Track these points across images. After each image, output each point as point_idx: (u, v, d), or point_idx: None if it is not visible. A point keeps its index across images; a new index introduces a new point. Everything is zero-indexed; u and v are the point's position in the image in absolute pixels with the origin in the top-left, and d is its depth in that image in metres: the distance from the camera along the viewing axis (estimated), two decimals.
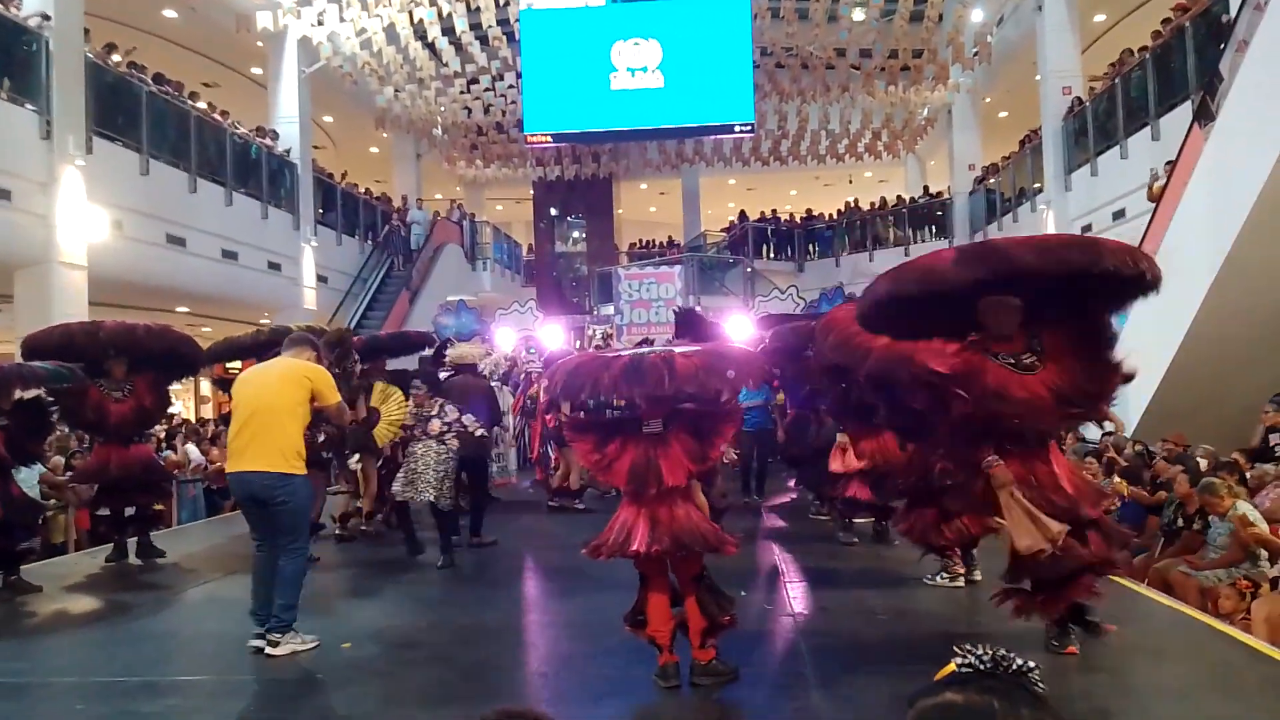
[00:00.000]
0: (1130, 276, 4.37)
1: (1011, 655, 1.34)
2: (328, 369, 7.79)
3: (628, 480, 4.48)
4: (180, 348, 8.09)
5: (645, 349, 4.75)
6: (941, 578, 6.47)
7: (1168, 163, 11.98)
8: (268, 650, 5.19)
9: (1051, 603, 4.78)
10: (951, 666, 1.35)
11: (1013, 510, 4.59)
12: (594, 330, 17.02)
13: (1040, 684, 1.32)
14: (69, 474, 9.22)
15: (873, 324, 5.08)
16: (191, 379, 16.72)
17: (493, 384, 10.44)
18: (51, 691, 4.80)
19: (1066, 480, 4.70)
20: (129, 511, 8.07)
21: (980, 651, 1.34)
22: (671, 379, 4.19)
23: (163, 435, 11.60)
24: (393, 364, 9.55)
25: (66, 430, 9.26)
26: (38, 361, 7.20)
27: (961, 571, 6.47)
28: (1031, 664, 1.36)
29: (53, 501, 9.21)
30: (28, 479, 8.05)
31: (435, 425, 7.51)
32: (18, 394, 6.85)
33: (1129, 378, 4.83)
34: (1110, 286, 4.48)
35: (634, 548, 4.39)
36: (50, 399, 7.25)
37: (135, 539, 8.05)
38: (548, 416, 10.33)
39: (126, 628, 6.15)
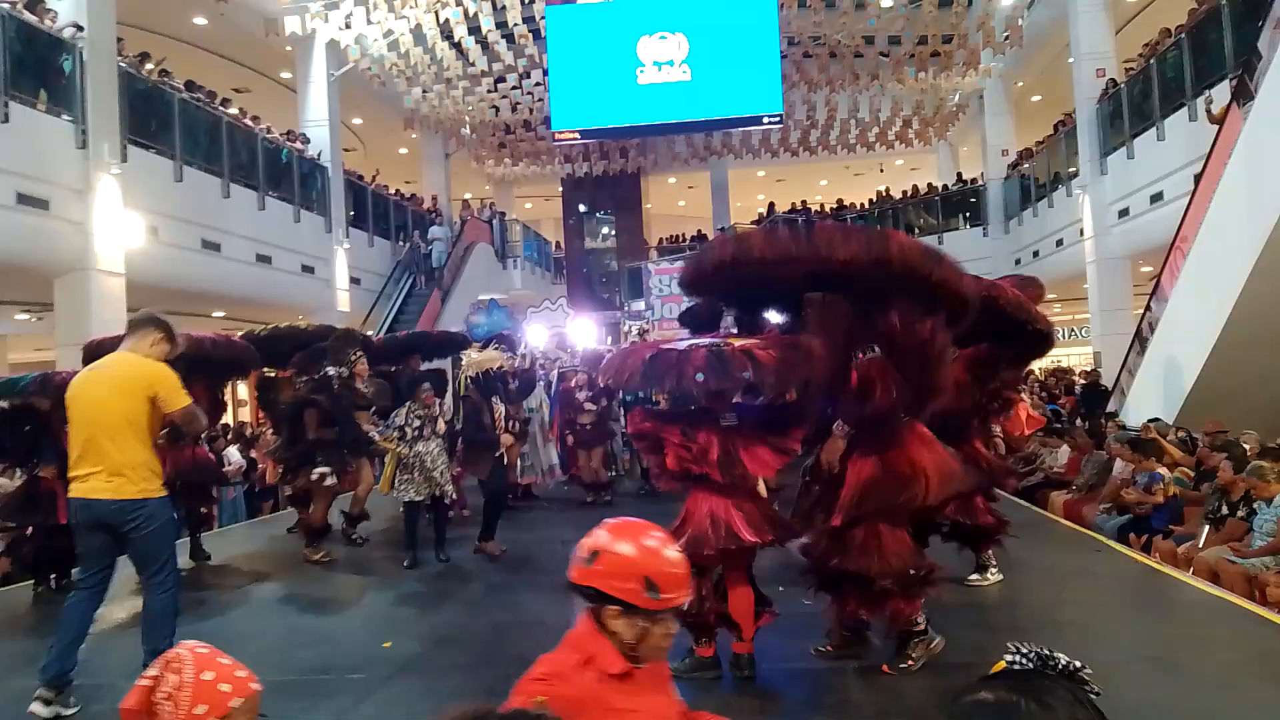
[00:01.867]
0: (867, 266, 4.10)
1: (1058, 655, 1.32)
2: (333, 367, 7.97)
3: (720, 470, 4.48)
4: (242, 356, 8.14)
5: (704, 340, 4.67)
6: (978, 577, 6.40)
7: (1208, 96, 11.74)
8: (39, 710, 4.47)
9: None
10: (1001, 664, 1.35)
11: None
12: (630, 326, 17.01)
13: (1090, 683, 1.30)
14: None
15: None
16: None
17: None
18: (96, 692, 4.85)
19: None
20: (179, 514, 8.18)
21: (1027, 650, 1.33)
22: (756, 369, 4.14)
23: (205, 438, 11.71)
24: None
25: None
26: None
27: (995, 565, 6.41)
28: (1079, 663, 1.33)
29: None
30: None
31: (441, 424, 7.85)
32: None
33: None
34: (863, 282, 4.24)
35: (746, 537, 4.42)
36: None
37: (188, 539, 8.15)
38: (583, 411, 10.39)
39: None
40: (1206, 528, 7.70)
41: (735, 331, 5.17)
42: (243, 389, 18.33)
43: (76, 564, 7.00)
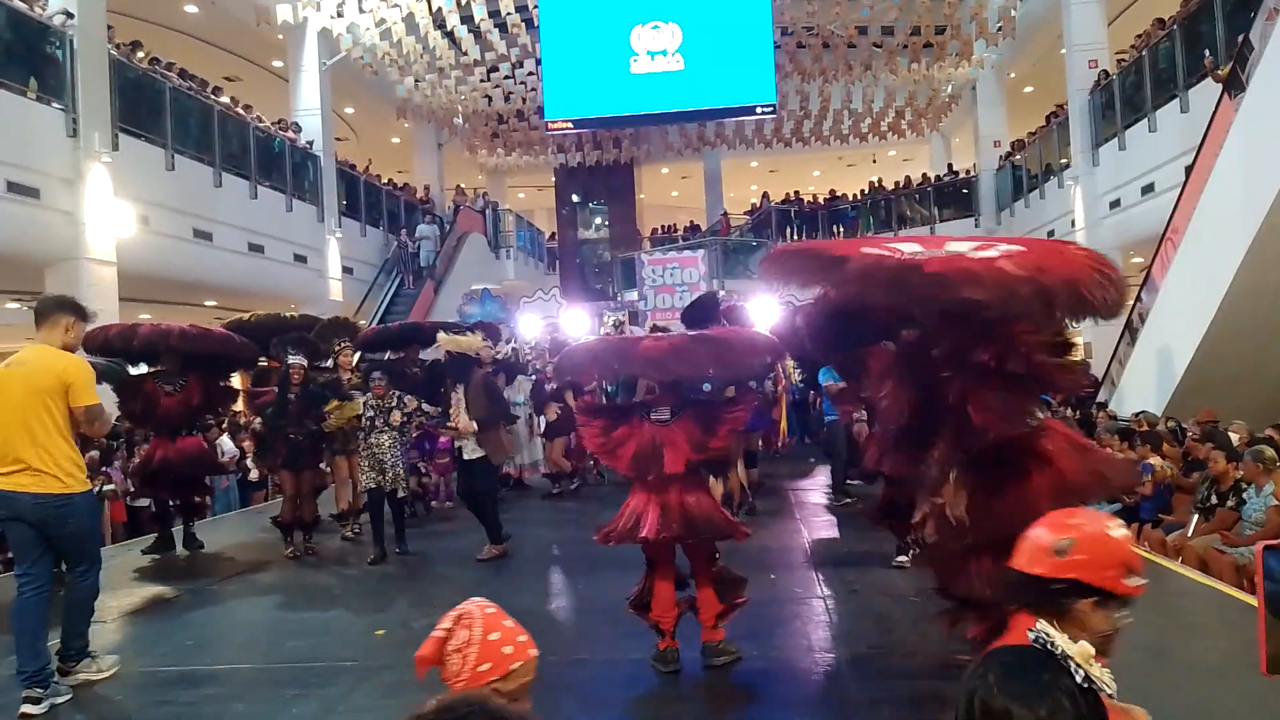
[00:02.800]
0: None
1: (1052, 638, 1.36)
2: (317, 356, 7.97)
3: (630, 466, 4.55)
4: (229, 350, 8.19)
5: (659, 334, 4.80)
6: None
7: (1209, 58, 11.75)
8: (65, 681, 4.63)
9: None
10: (1029, 637, 1.47)
11: None
12: (609, 317, 16.94)
13: (1089, 679, 1.34)
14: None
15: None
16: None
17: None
18: (93, 682, 4.86)
19: None
20: (174, 503, 8.18)
21: (1041, 633, 1.40)
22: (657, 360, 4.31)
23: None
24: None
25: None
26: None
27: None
28: (1075, 658, 1.37)
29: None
30: None
31: (396, 416, 7.70)
32: None
33: None
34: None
35: (643, 533, 4.43)
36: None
37: (181, 528, 8.14)
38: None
39: (163, 618, 6.24)
40: (1196, 517, 7.75)
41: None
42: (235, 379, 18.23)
43: None
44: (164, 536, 8.05)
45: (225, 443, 11.90)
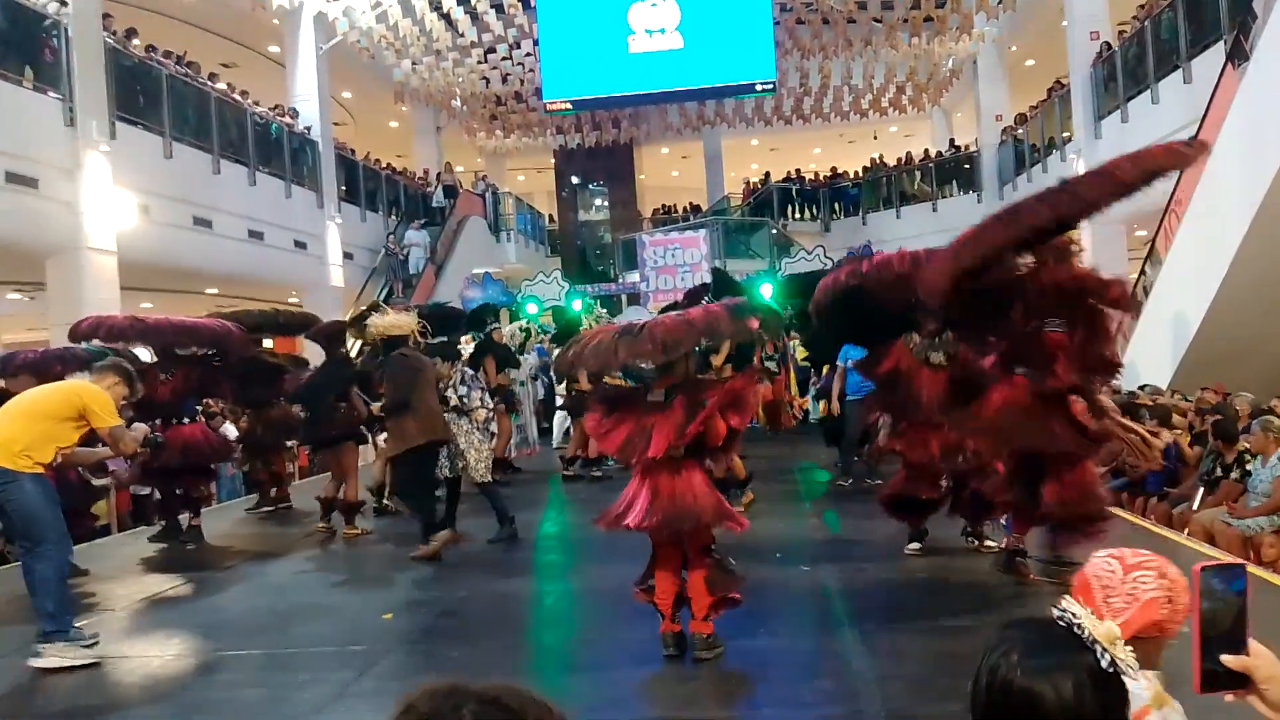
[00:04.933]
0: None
1: (1085, 626, 1.36)
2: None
3: (617, 449, 4.58)
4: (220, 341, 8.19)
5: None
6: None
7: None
8: (31, 661, 4.84)
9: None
10: (1054, 613, 1.43)
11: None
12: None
13: (1114, 662, 1.33)
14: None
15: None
16: None
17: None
18: (103, 669, 4.89)
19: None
20: (178, 491, 8.17)
21: (1067, 610, 1.39)
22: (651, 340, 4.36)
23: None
24: None
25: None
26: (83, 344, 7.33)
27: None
28: (1101, 640, 1.36)
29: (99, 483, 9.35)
30: None
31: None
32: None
33: None
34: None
35: (626, 522, 4.44)
36: None
37: (187, 519, 8.13)
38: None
39: (172, 606, 6.28)
40: (1201, 490, 7.74)
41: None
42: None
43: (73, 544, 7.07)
44: (170, 525, 8.06)
45: (230, 430, 11.91)
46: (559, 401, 12.12)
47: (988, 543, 6.34)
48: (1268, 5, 9.31)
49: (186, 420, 7.99)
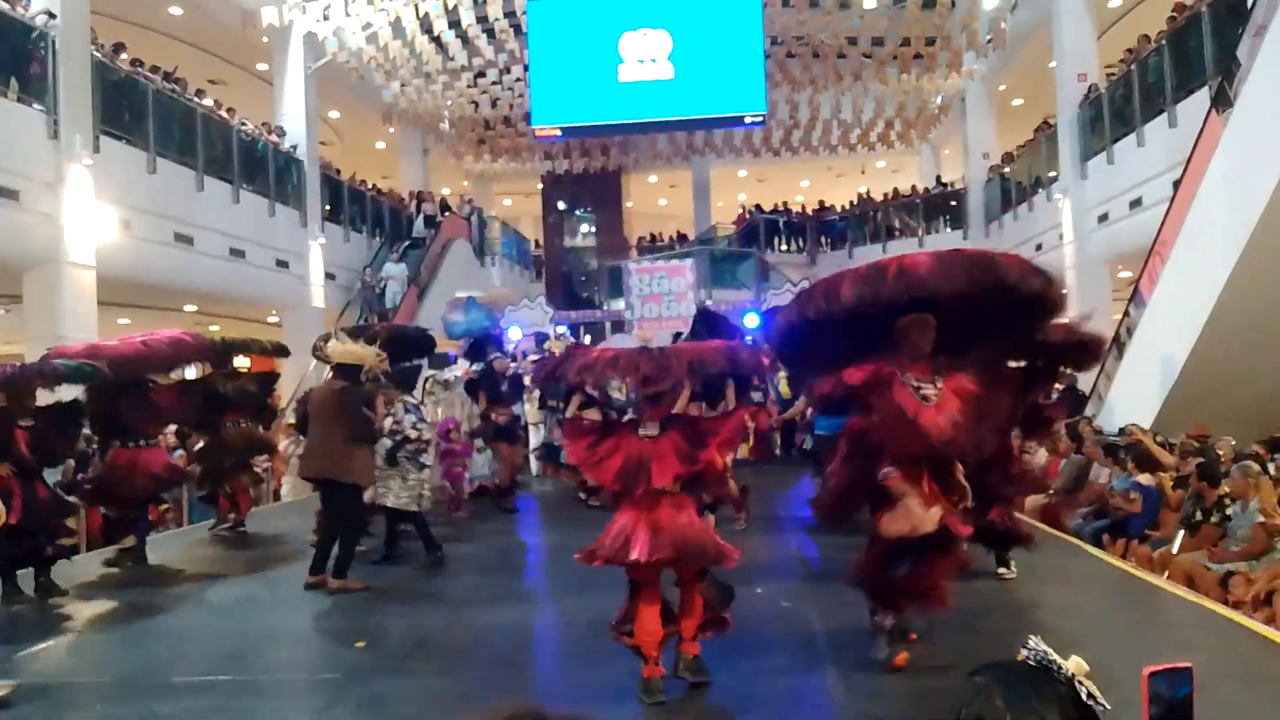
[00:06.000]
0: (1032, 292, 4.49)
1: (1059, 663, 1.38)
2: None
3: (615, 479, 4.43)
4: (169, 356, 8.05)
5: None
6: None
7: None
8: None
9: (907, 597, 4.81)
10: (1021, 654, 1.44)
11: (903, 504, 4.65)
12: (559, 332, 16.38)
13: (1092, 695, 1.34)
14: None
15: (786, 354, 5.36)
16: None
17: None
18: (67, 694, 4.79)
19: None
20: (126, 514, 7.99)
21: (1038, 650, 1.40)
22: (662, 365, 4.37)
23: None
24: None
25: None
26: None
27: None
28: (1076, 675, 1.37)
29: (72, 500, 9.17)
30: None
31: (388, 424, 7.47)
32: (52, 395, 6.88)
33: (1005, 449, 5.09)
34: (1014, 307, 4.59)
35: (633, 556, 4.24)
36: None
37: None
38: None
39: (141, 628, 6.13)
40: (1182, 532, 7.73)
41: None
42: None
43: (51, 564, 6.92)
44: (126, 549, 7.82)
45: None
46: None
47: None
48: (1252, 52, 9.42)
49: (142, 443, 7.75)
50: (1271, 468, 7.68)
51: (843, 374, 4.65)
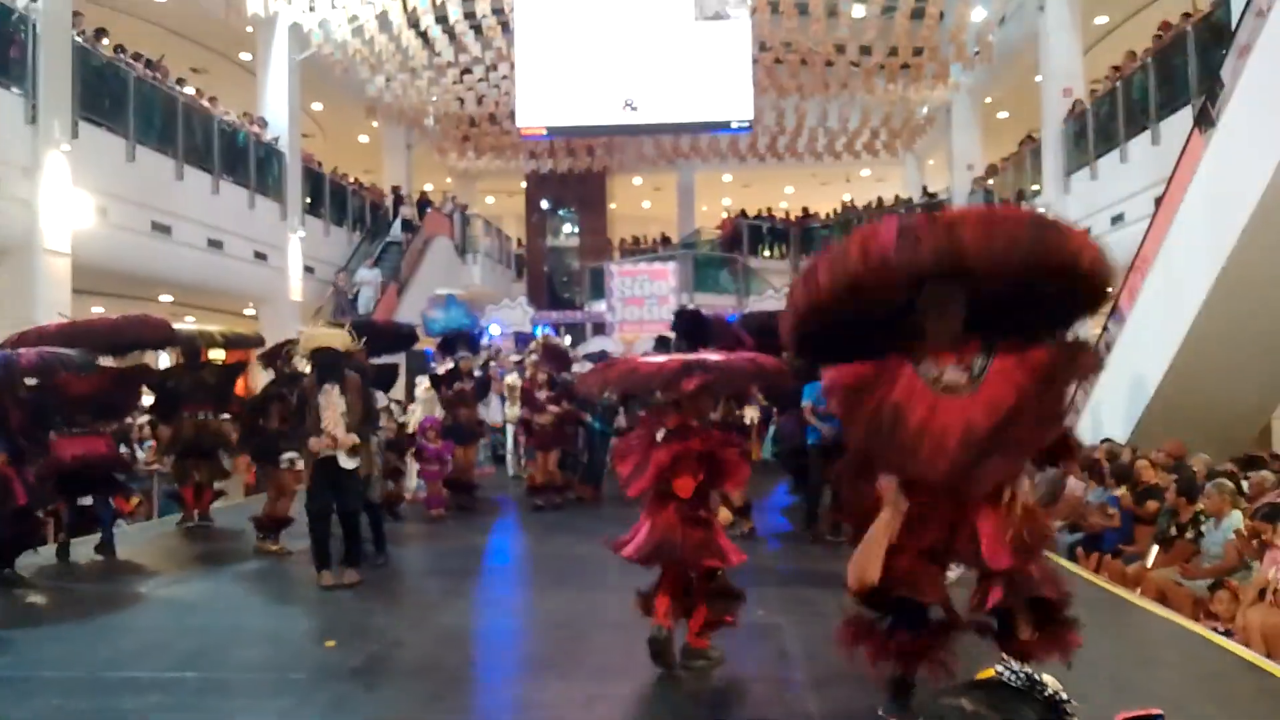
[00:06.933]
0: (1101, 282, 3.59)
1: (1045, 682, 1.37)
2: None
3: (647, 484, 4.69)
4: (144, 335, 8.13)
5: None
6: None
7: None
8: None
9: (903, 654, 3.85)
10: (990, 672, 1.46)
11: (874, 538, 3.72)
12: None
13: (1072, 715, 1.33)
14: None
15: (800, 344, 4.02)
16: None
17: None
18: (31, 686, 4.69)
19: (987, 535, 3.54)
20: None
21: (1018, 668, 1.38)
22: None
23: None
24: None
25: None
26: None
27: None
28: (1064, 695, 1.37)
29: None
30: None
31: None
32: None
33: (1067, 447, 3.87)
34: (1068, 292, 3.61)
35: (624, 553, 4.73)
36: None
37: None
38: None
39: (106, 622, 6.04)
40: (1155, 548, 7.76)
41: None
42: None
43: (17, 554, 6.82)
44: (62, 544, 7.66)
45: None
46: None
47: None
48: (1235, 73, 9.49)
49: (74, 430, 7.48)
50: (1245, 485, 7.72)
51: (828, 381, 3.93)
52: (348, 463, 6.68)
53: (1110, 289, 3.72)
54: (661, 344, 11.12)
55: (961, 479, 3.48)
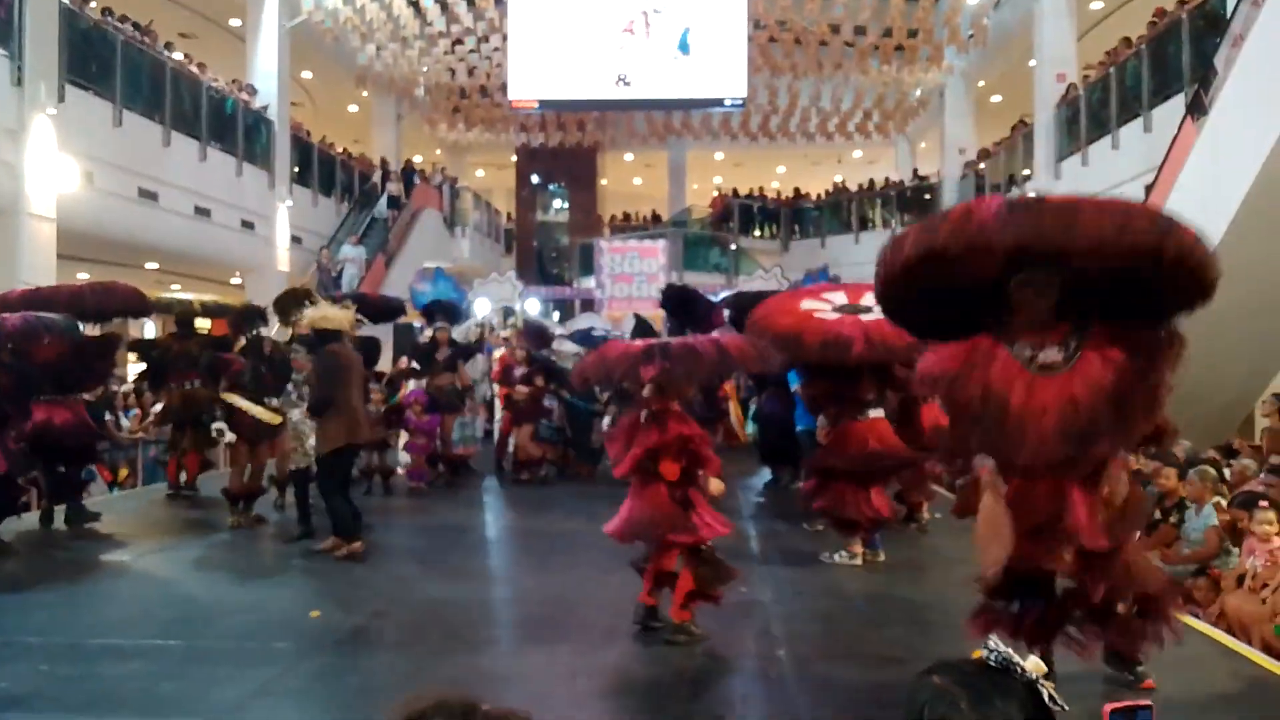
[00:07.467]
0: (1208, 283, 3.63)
1: (1019, 663, 1.37)
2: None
3: (635, 464, 4.85)
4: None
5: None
6: (840, 556, 6.61)
7: None
8: None
9: (1036, 633, 3.85)
10: (979, 653, 1.41)
11: (989, 520, 3.75)
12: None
13: (1054, 696, 1.35)
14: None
15: (895, 306, 4.05)
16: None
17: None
18: (13, 652, 4.69)
19: (1078, 513, 3.62)
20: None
21: (999, 650, 1.38)
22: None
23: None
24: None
25: None
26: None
27: (859, 551, 6.60)
28: (1037, 675, 1.38)
29: None
30: None
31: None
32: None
33: (1163, 431, 3.93)
34: (1170, 287, 3.63)
35: (606, 529, 4.95)
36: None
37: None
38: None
39: (89, 589, 6.05)
40: (1138, 532, 7.80)
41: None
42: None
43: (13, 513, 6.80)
44: (45, 510, 7.67)
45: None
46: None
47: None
48: (1229, 62, 9.49)
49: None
50: (1228, 473, 7.78)
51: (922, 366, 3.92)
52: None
53: (1213, 291, 3.78)
54: (640, 328, 11.05)
55: (1063, 458, 3.53)
